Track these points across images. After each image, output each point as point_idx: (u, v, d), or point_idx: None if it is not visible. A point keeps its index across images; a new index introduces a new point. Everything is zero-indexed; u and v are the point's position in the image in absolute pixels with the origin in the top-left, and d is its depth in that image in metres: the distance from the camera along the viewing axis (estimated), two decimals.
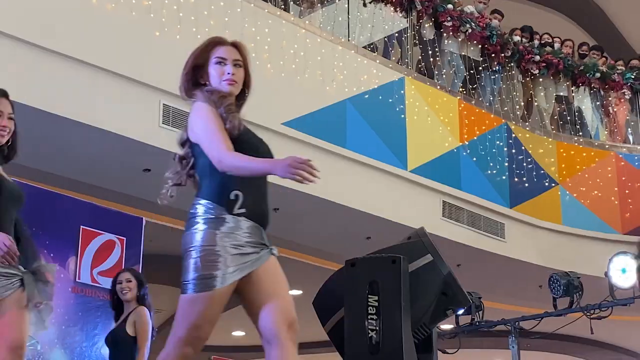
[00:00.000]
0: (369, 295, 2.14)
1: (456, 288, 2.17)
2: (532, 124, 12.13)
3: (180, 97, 3.77)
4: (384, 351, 2.07)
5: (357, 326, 2.13)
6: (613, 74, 12.81)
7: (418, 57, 11.04)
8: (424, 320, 2.20)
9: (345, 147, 9.37)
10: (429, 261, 2.20)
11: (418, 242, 2.25)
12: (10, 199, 3.66)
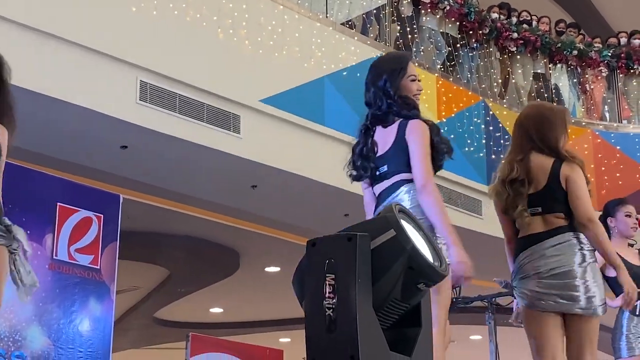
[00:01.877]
0: (327, 274, 2.13)
1: (422, 261, 2.17)
2: (509, 101, 12.17)
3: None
4: (339, 329, 2.07)
5: (316, 305, 2.14)
6: (590, 52, 12.86)
7: (396, 34, 11.04)
8: (393, 295, 2.20)
9: (324, 124, 9.36)
10: (392, 236, 2.19)
11: (382, 218, 2.25)
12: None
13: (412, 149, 3.92)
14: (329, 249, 2.18)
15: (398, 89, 4.10)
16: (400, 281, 2.19)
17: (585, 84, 12.97)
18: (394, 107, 4.11)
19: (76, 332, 6.93)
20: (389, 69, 4.20)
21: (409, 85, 4.14)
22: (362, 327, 2.09)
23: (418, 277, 2.20)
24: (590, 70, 12.93)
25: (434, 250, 2.37)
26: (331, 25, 9.93)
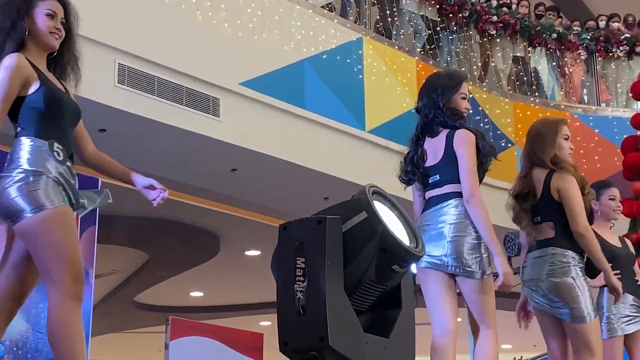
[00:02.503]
0: (297, 257, 2.13)
1: (394, 243, 2.16)
2: (489, 85, 12.19)
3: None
4: (309, 312, 2.07)
5: (286, 289, 2.14)
6: (569, 35, 12.89)
7: (376, 17, 11.01)
8: (368, 277, 2.20)
9: (304, 107, 9.35)
10: (364, 218, 2.19)
11: (355, 200, 2.25)
12: (70, 116, 3.50)
13: (461, 161, 4.27)
14: (300, 232, 2.18)
15: (448, 102, 4.41)
16: (374, 263, 2.19)
17: (564, 67, 13.00)
18: (440, 117, 4.42)
19: None
20: (444, 83, 4.50)
21: (459, 102, 4.46)
22: (331, 309, 2.09)
23: (391, 258, 2.20)
24: (569, 53, 12.97)
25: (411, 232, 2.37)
26: (311, 8, 9.89)
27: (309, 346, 2.11)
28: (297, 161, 8.99)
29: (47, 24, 3.41)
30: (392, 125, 10.40)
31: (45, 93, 3.35)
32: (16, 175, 3.23)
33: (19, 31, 3.36)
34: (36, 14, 3.41)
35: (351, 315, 2.16)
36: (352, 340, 2.14)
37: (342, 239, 2.20)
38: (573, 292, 4.48)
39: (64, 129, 3.42)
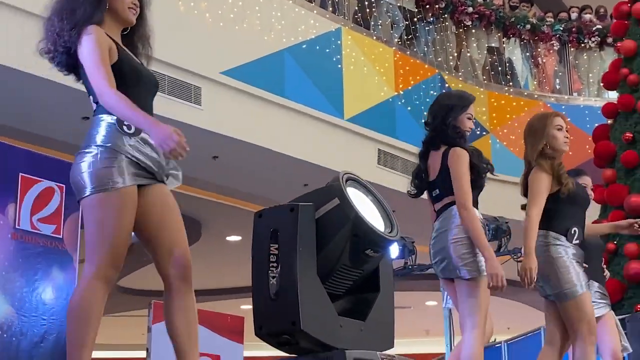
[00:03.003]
0: (271, 243, 2.15)
1: (366, 229, 2.18)
2: (464, 75, 12.22)
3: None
4: (282, 296, 2.09)
5: (261, 275, 2.15)
6: (542, 26, 12.93)
7: (355, 7, 11.01)
8: (342, 262, 2.21)
9: (284, 96, 9.35)
10: (336, 205, 2.20)
11: (328, 187, 2.26)
12: (149, 87, 3.46)
13: (453, 176, 4.46)
14: (273, 219, 2.20)
15: (455, 121, 4.61)
16: (348, 248, 2.21)
17: (537, 57, 13.05)
18: (443, 134, 4.60)
19: (39, 301, 6.88)
20: (454, 102, 4.71)
21: (465, 121, 4.65)
22: (303, 294, 2.10)
23: (364, 243, 2.21)
24: (543, 44, 13.01)
25: (386, 216, 2.37)
26: None
27: (282, 330, 2.13)
28: (277, 149, 9.00)
29: (126, 1, 3.40)
30: (370, 113, 10.42)
31: (125, 65, 3.32)
32: (89, 152, 3.27)
33: (102, 6, 3.33)
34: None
35: (324, 300, 2.17)
36: (325, 323, 2.15)
37: (316, 225, 2.21)
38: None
39: (142, 99, 3.34)
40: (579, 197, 4.84)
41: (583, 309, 4.64)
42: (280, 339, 2.14)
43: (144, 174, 3.26)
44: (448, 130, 4.59)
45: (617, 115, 10.17)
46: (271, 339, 2.16)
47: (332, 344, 2.14)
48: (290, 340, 2.13)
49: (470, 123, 4.68)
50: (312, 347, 2.14)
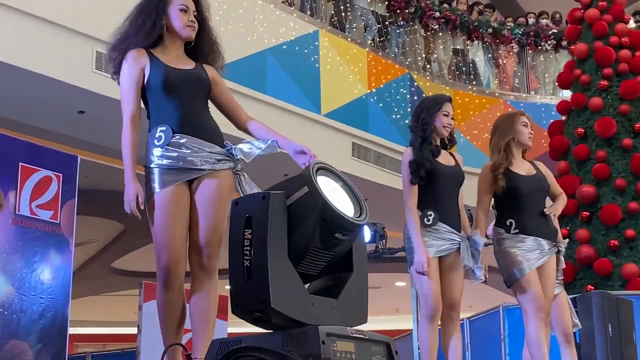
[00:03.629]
0: (245, 229, 2.16)
1: (333, 214, 2.18)
2: (432, 74, 12.24)
3: None
4: (254, 276, 2.10)
5: (236, 256, 2.17)
6: (503, 30, 12.98)
7: (331, 11, 11.00)
8: (313, 245, 2.22)
9: (265, 93, 9.34)
10: (305, 192, 2.22)
11: (299, 176, 2.27)
12: (190, 88, 3.51)
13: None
14: (248, 206, 2.21)
15: (430, 118, 4.68)
16: (317, 232, 2.21)
17: (498, 58, 13.10)
18: (412, 131, 4.77)
19: (38, 281, 6.86)
20: (429, 104, 4.78)
21: (441, 118, 4.70)
22: (273, 274, 2.11)
23: (332, 227, 2.22)
24: (503, 46, 13.06)
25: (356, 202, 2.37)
26: (272, 2, 9.85)
27: (255, 308, 2.14)
28: None
29: (182, 19, 3.44)
30: (345, 109, 10.43)
31: (156, 76, 3.35)
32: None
33: (157, 29, 3.39)
34: (171, 11, 3.43)
35: (295, 280, 2.17)
36: (296, 301, 2.15)
37: (288, 211, 2.22)
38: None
39: (180, 101, 3.37)
40: (517, 189, 4.84)
41: (526, 289, 4.72)
42: (254, 316, 2.15)
43: (180, 172, 3.30)
44: (418, 130, 4.70)
45: (570, 112, 10.23)
46: (246, 316, 2.17)
47: (304, 320, 2.15)
48: (262, 317, 2.14)
49: (447, 119, 4.72)
50: (283, 323, 2.15)
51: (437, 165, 4.65)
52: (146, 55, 3.36)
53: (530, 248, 4.80)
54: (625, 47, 10.15)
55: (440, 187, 4.66)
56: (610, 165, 9.42)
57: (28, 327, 6.74)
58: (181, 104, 3.35)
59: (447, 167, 4.69)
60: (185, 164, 3.27)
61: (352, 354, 2.14)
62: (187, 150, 3.28)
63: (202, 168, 3.28)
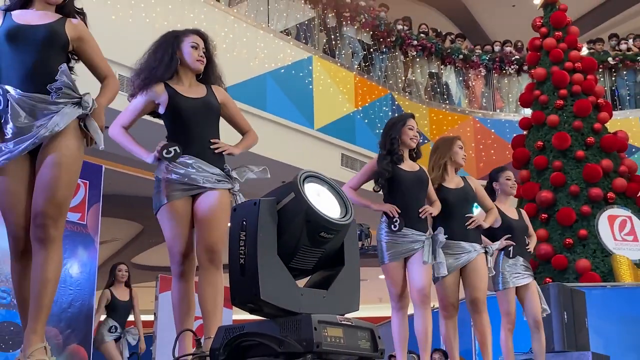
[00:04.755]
0: (240, 231, 2.19)
1: (317, 216, 2.19)
2: (410, 94, 12.27)
3: None
4: (247, 273, 2.12)
5: (234, 256, 2.19)
6: (472, 56, 13.01)
7: (323, 40, 11.02)
8: (302, 243, 2.23)
9: (266, 110, 9.34)
10: (292, 198, 2.23)
11: (288, 184, 2.29)
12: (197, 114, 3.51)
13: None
14: (243, 212, 2.23)
15: (397, 133, 4.67)
16: (304, 232, 2.21)
17: (468, 81, 13.14)
18: (380, 146, 4.73)
19: (67, 274, 6.84)
20: (395, 121, 4.78)
21: (407, 132, 4.69)
22: (263, 270, 2.13)
23: (316, 227, 2.22)
24: (472, 70, 13.10)
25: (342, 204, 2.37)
26: (272, 32, 9.87)
27: (248, 299, 2.16)
28: (260, 152, 8.96)
29: (193, 54, 3.52)
30: (335, 125, 10.45)
31: (172, 104, 3.42)
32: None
33: (174, 63, 3.48)
34: (184, 47, 3.51)
35: (284, 274, 2.19)
36: (284, 293, 2.17)
37: (278, 214, 2.24)
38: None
39: (190, 126, 3.41)
40: (446, 201, 4.83)
41: (442, 289, 4.81)
42: (248, 306, 2.17)
43: (184, 188, 3.34)
44: (385, 144, 4.68)
45: (530, 127, 10.27)
46: (242, 307, 2.19)
47: (293, 309, 2.16)
48: (254, 307, 2.16)
49: (413, 132, 4.70)
50: (275, 312, 2.16)
51: (398, 172, 4.59)
52: (164, 89, 3.43)
53: (458, 251, 4.79)
54: (578, 71, 10.20)
55: (403, 190, 4.57)
56: (566, 174, 9.45)
57: (58, 315, 6.72)
58: (192, 129, 3.42)
59: (409, 172, 4.61)
60: (189, 181, 3.34)
61: (341, 338, 2.14)
62: (192, 170, 3.35)
63: (204, 186, 3.35)
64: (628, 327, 7.47)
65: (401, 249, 4.52)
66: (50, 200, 2.77)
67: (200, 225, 3.30)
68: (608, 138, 9.69)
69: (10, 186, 2.84)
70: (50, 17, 3.02)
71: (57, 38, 2.96)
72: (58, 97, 2.83)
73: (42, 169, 2.81)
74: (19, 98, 2.82)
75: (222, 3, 9.41)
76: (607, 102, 10.50)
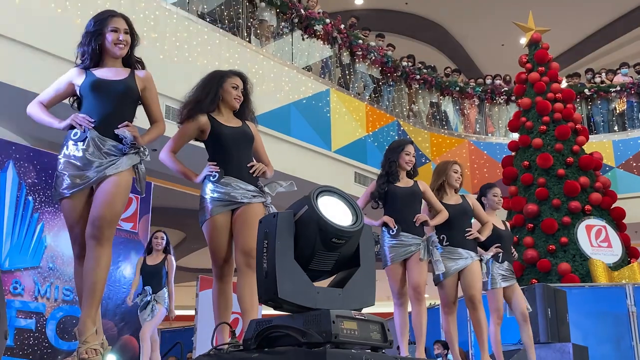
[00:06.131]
0: (264, 240, 2.21)
1: (327, 225, 2.20)
2: (414, 121, 12.26)
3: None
4: (269, 275, 2.13)
5: (260, 261, 2.20)
6: (467, 88, 13.00)
7: (339, 75, 11.06)
8: (318, 248, 2.23)
9: (290, 135, 9.37)
10: (306, 209, 2.24)
11: (303, 197, 2.30)
12: (237, 142, 3.52)
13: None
14: (266, 224, 2.24)
15: (396, 157, 4.68)
16: (318, 238, 2.22)
17: (464, 109, 13.12)
18: (381, 167, 4.75)
19: (121, 275, 6.87)
20: (395, 146, 4.76)
21: (404, 157, 4.69)
22: (280, 272, 2.14)
23: (329, 234, 2.23)
24: (467, 100, 13.08)
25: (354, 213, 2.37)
26: (295, 68, 9.91)
27: (270, 298, 2.17)
28: (285, 171, 9.01)
29: (232, 93, 3.54)
30: (349, 147, 10.46)
31: (215, 133, 3.44)
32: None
33: (217, 98, 3.51)
34: (226, 86, 3.54)
35: (300, 275, 2.20)
36: (301, 291, 2.17)
37: (296, 225, 2.25)
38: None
39: (230, 150, 3.44)
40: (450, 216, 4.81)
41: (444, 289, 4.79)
42: (270, 304, 2.19)
43: (225, 204, 3.37)
44: (384, 166, 4.68)
45: (518, 149, 10.23)
46: (267, 304, 2.21)
47: (310, 305, 2.16)
48: (275, 305, 2.18)
49: (408, 157, 4.69)
50: (293, 309, 2.17)
51: (395, 189, 4.61)
52: (208, 119, 3.47)
53: (457, 257, 4.80)
54: (559, 101, 10.16)
55: (398, 204, 4.59)
56: (549, 189, 9.40)
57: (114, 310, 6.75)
58: (232, 153, 3.46)
59: (403, 188, 4.63)
60: (229, 198, 3.37)
61: (355, 330, 2.13)
62: (231, 188, 3.39)
63: (242, 201, 3.38)
64: (603, 322, 7.38)
65: (401, 251, 4.54)
66: (109, 207, 2.95)
67: (238, 234, 3.33)
68: (585, 158, 9.63)
69: (78, 205, 3.04)
70: (122, 73, 3.18)
71: (131, 93, 3.14)
72: (128, 147, 3.07)
73: (103, 186, 2.99)
74: (96, 136, 3.02)
75: (253, 44, 9.47)
76: (584, 127, 10.44)
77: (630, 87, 12.35)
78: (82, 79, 3.12)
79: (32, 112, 3.16)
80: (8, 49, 6.38)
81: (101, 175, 3.00)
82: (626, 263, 9.03)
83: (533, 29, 10.69)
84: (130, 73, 3.19)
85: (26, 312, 6.14)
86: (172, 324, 17.09)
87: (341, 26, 10.92)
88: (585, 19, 15.95)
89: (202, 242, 3.48)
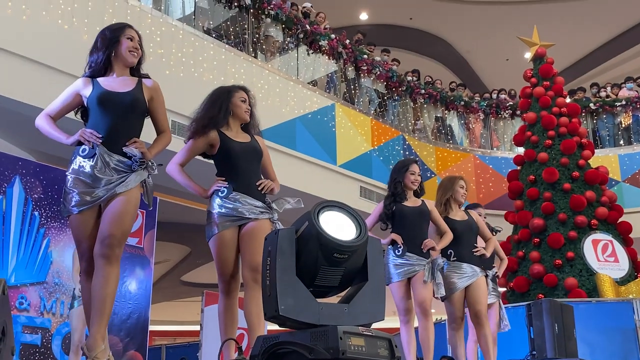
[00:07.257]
0: (267, 257, 2.21)
1: (327, 240, 2.18)
2: (419, 135, 12.26)
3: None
4: (271, 292, 2.12)
5: (263, 277, 2.20)
6: (472, 103, 13.01)
7: (344, 89, 11.09)
8: (320, 263, 2.22)
9: (295, 149, 9.38)
10: (307, 225, 2.24)
11: (305, 213, 2.29)
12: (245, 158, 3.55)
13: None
14: (270, 240, 2.24)
15: (401, 177, 4.69)
16: (320, 254, 2.21)
17: (469, 124, 13.12)
18: (388, 187, 4.76)
19: (127, 290, 6.86)
20: (400, 167, 4.75)
21: (409, 176, 4.69)
22: (281, 289, 2.13)
23: (330, 249, 2.21)
24: (472, 114, 13.09)
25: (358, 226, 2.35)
26: (300, 83, 9.95)
27: (272, 315, 2.16)
28: (291, 185, 9.01)
29: (243, 107, 3.59)
30: (354, 161, 10.46)
31: (224, 147, 3.46)
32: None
33: (227, 114, 3.53)
34: (235, 101, 3.58)
35: (302, 292, 2.18)
36: (303, 308, 2.15)
37: (297, 241, 2.25)
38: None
39: (241, 169, 3.45)
40: (454, 230, 4.81)
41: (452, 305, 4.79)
42: (272, 320, 2.18)
43: (232, 219, 3.38)
44: (390, 186, 4.70)
45: (523, 163, 10.21)
46: (270, 320, 2.20)
47: (314, 322, 2.15)
48: (278, 321, 2.17)
49: (413, 177, 4.68)
50: (297, 325, 2.16)
51: (402, 208, 4.62)
52: (217, 134, 3.48)
53: (463, 273, 4.81)
54: (564, 115, 10.16)
55: (406, 222, 4.60)
56: (555, 204, 9.37)
57: (119, 325, 6.73)
58: (240, 169, 3.46)
59: (410, 208, 4.63)
60: (237, 214, 3.37)
61: (363, 347, 2.12)
62: (239, 204, 3.39)
63: (249, 217, 3.38)
64: (610, 337, 7.33)
65: (405, 269, 4.54)
66: (118, 226, 2.95)
67: (246, 249, 3.32)
68: (591, 172, 9.60)
69: (86, 222, 3.04)
70: (130, 83, 3.17)
71: (138, 105, 3.12)
72: (137, 164, 3.07)
73: (113, 204, 2.99)
74: (104, 152, 3.01)
75: (259, 59, 9.52)
76: (590, 141, 10.43)
77: (636, 101, 12.35)
78: (89, 89, 3.11)
79: (41, 126, 3.16)
80: (19, 66, 6.42)
81: (111, 194, 2.99)
82: (633, 278, 8.98)
83: (538, 44, 10.71)
84: (137, 83, 3.17)
85: (32, 328, 6.14)
86: (176, 339, 17.05)
87: (346, 41, 10.97)
88: (590, 34, 15.99)
89: (208, 257, 3.48)
